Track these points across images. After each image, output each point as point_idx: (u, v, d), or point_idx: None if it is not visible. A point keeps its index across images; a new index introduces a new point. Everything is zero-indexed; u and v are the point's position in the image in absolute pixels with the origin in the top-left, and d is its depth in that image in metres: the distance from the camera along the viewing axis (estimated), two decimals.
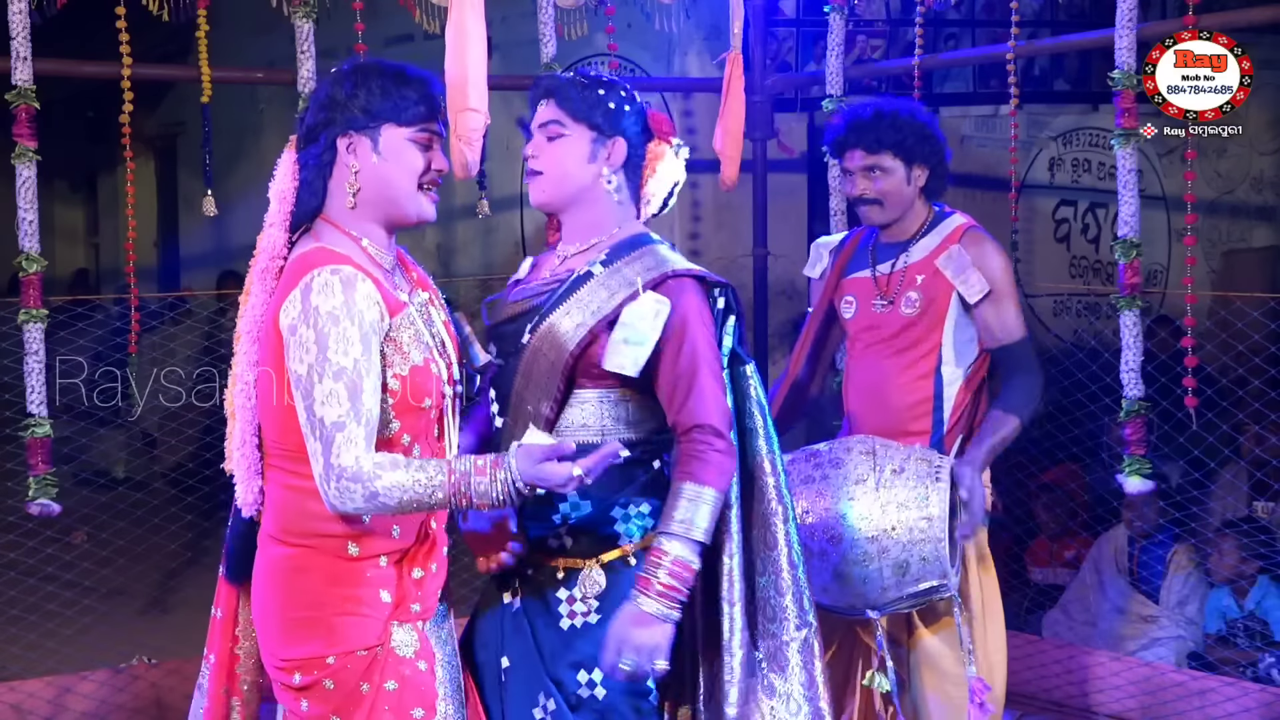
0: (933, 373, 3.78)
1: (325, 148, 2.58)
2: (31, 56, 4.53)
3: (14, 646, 5.72)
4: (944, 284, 3.75)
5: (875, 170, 3.79)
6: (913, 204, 3.84)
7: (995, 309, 3.74)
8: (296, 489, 2.54)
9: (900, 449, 3.63)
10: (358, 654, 2.51)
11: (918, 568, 3.52)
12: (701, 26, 7.00)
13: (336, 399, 2.43)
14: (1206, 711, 5.08)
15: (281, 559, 2.56)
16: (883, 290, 3.85)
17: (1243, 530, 5.53)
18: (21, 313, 4.52)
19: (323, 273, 2.47)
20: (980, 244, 3.78)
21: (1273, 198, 9.23)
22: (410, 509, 2.46)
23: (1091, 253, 8.49)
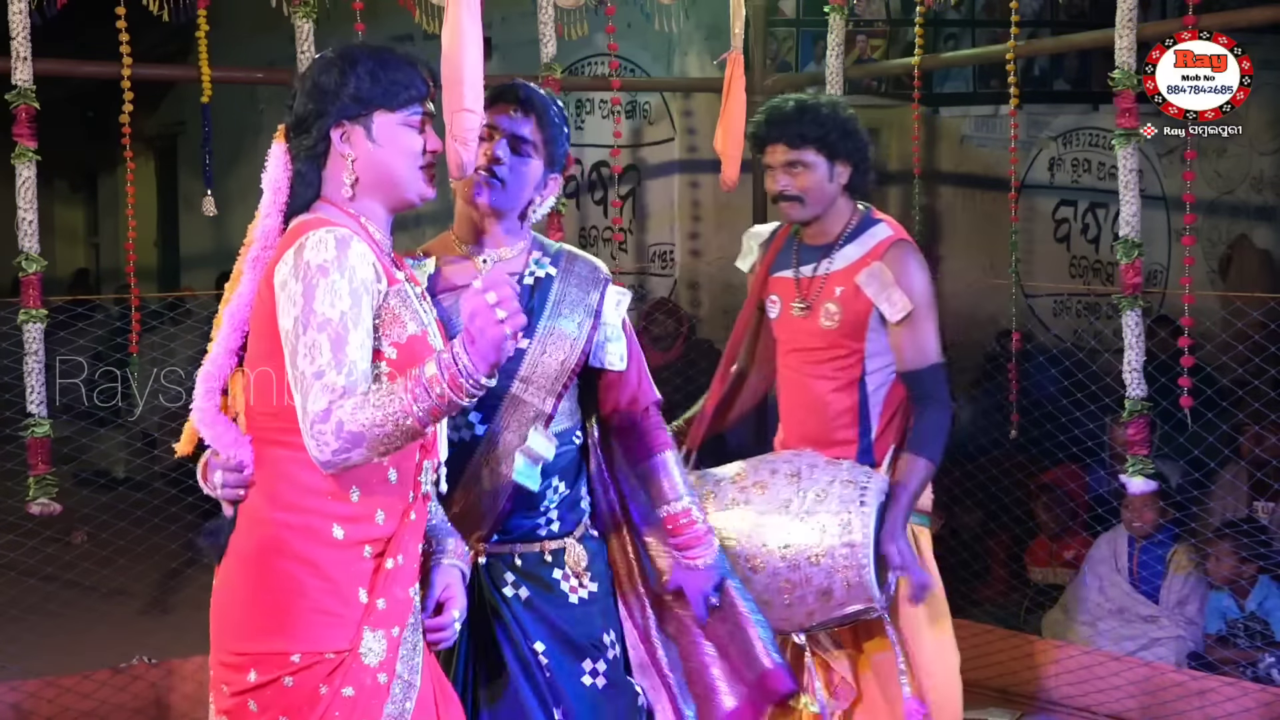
0: (855, 382, 3.65)
1: (318, 139, 2.55)
2: (31, 56, 4.54)
3: (14, 646, 5.72)
4: (864, 300, 3.61)
5: (797, 166, 3.64)
6: (834, 202, 3.68)
7: (911, 331, 3.59)
8: (284, 458, 2.46)
9: (827, 469, 3.53)
10: (326, 656, 2.42)
11: (842, 593, 3.42)
12: (701, 26, 7.00)
13: (318, 349, 2.37)
14: (1206, 711, 5.08)
15: (260, 538, 2.47)
16: (803, 294, 3.72)
17: (1243, 530, 5.53)
18: (21, 313, 4.52)
19: (318, 232, 2.43)
20: (903, 260, 3.61)
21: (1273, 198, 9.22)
22: (388, 440, 2.34)
23: (1091, 253, 8.48)
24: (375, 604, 2.47)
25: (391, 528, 2.51)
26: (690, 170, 7.29)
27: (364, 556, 2.48)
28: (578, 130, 7.71)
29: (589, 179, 7.76)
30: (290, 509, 2.46)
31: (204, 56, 4.94)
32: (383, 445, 2.36)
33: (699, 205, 7.29)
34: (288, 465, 2.47)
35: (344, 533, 2.46)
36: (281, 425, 2.46)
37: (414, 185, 2.59)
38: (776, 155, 3.67)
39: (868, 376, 3.66)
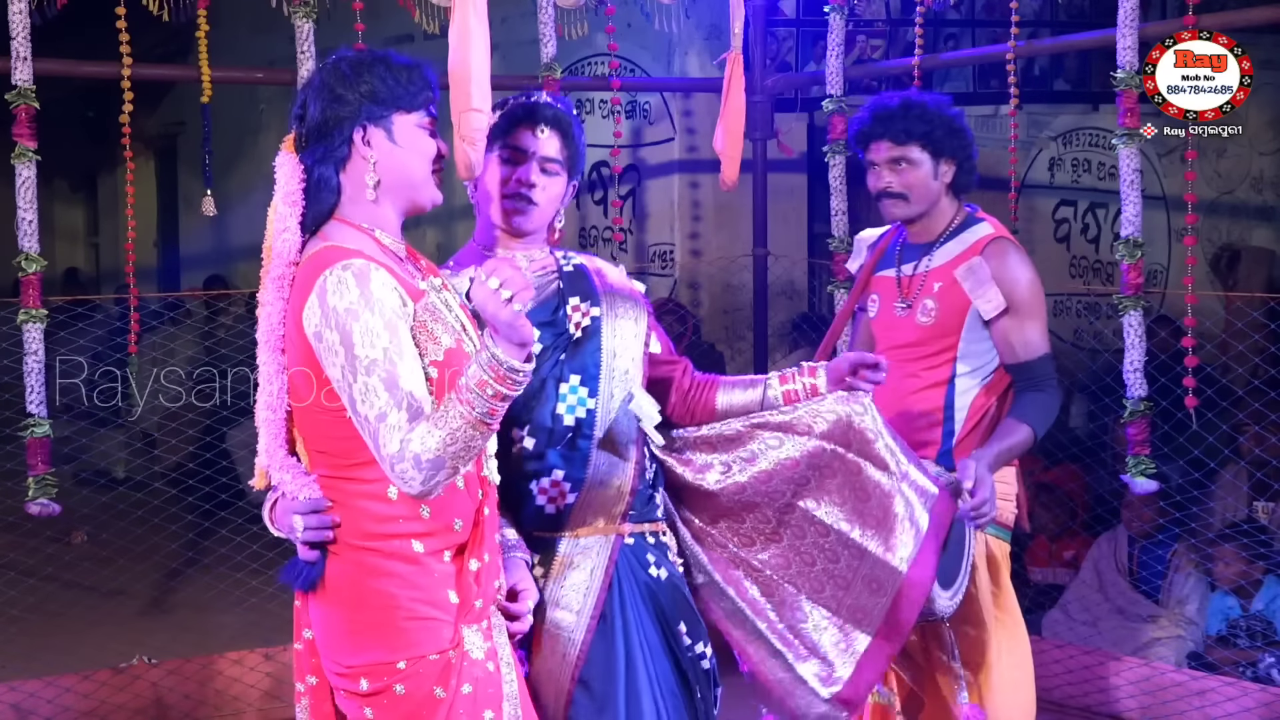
0: (946, 382, 3.62)
1: (340, 142, 2.55)
2: (31, 56, 4.53)
3: (14, 646, 5.72)
4: (961, 295, 3.59)
5: (901, 163, 3.63)
6: (939, 200, 3.67)
7: (1017, 325, 3.57)
8: (352, 493, 2.50)
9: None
10: (429, 658, 2.47)
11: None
12: (701, 26, 7.00)
13: (374, 393, 2.41)
14: (1206, 711, 5.08)
15: (348, 566, 2.51)
16: (904, 292, 3.71)
17: (1243, 530, 5.53)
18: (21, 313, 4.52)
19: (334, 271, 2.44)
20: (1004, 256, 3.59)
21: (1273, 198, 9.23)
22: (465, 452, 2.40)
23: (1091, 253, 8.49)
24: (471, 602, 2.53)
25: (468, 531, 2.56)
26: (690, 170, 7.30)
27: (444, 561, 2.53)
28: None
29: (589, 179, 7.77)
30: (368, 537, 2.51)
31: (204, 56, 4.94)
32: (463, 458, 2.41)
33: (699, 205, 7.29)
34: (356, 499, 2.51)
35: (424, 547, 2.51)
36: (341, 462, 2.51)
37: (428, 188, 2.61)
38: (881, 152, 3.66)
39: (957, 379, 3.62)
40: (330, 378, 2.46)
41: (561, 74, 5.40)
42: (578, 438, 2.86)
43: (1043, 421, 3.56)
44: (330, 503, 2.52)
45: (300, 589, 2.59)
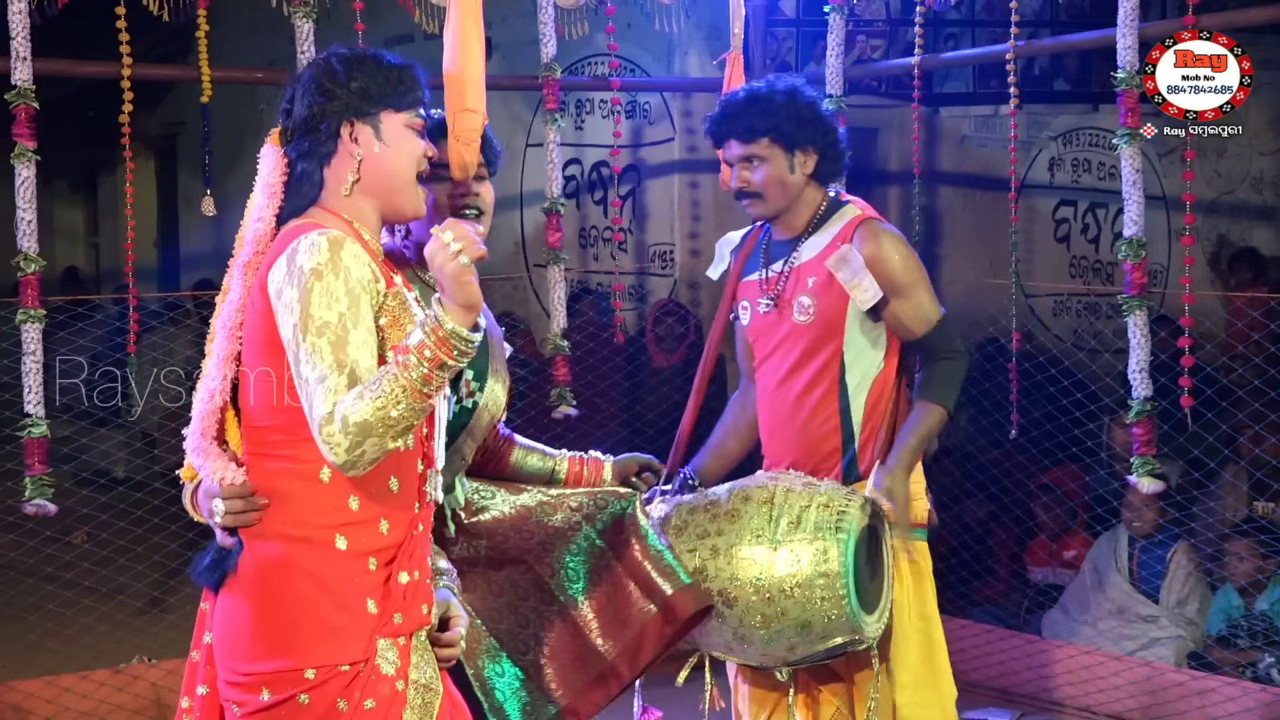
0: (835, 385, 3.46)
1: (327, 137, 2.52)
2: (31, 56, 4.53)
3: (14, 646, 5.72)
4: (839, 286, 3.42)
5: (753, 159, 3.45)
6: (800, 194, 3.48)
7: (906, 303, 3.42)
8: (280, 473, 2.43)
9: (803, 493, 3.29)
10: (340, 669, 2.39)
11: (821, 626, 3.21)
12: (701, 26, 7.00)
13: (319, 354, 2.34)
14: (1206, 711, 5.08)
15: (262, 556, 2.43)
16: (768, 291, 3.52)
17: (1243, 530, 5.53)
18: (20, 313, 4.52)
19: (310, 235, 2.40)
20: (875, 238, 3.42)
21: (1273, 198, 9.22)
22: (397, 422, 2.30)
23: (1091, 253, 8.48)
24: (391, 617, 2.44)
25: (398, 537, 2.48)
26: (690, 170, 7.29)
27: (369, 569, 2.44)
28: (578, 130, 7.71)
29: (589, 179, 7.76)
30: (290, 523, 2.43)
31: (204, 56, 4.94)
32: (393, 429, 2.32)
33: (699, 205, 7.29)
34: (284, 479, 2.44)
35: (347, 543, 2.43)
36: (278, 438, 2.44)
37: (410, 193, 2.57)
38: (732, 150, 3.49)
39: (847, 376, 3.46)
40: (281, 337, 2.40)
41: (561, 74, 5.40)
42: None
43: (951, 394, 3.43)
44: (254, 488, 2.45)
45: (209, 584, 2.51)
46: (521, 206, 7.95)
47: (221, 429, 2.52)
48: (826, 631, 3.22)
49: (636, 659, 3.06)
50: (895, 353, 3.51)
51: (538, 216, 6.24)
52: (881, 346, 3.49)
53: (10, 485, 4.85)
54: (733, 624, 3.24)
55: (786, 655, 3.29)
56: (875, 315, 3.46)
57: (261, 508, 2.44)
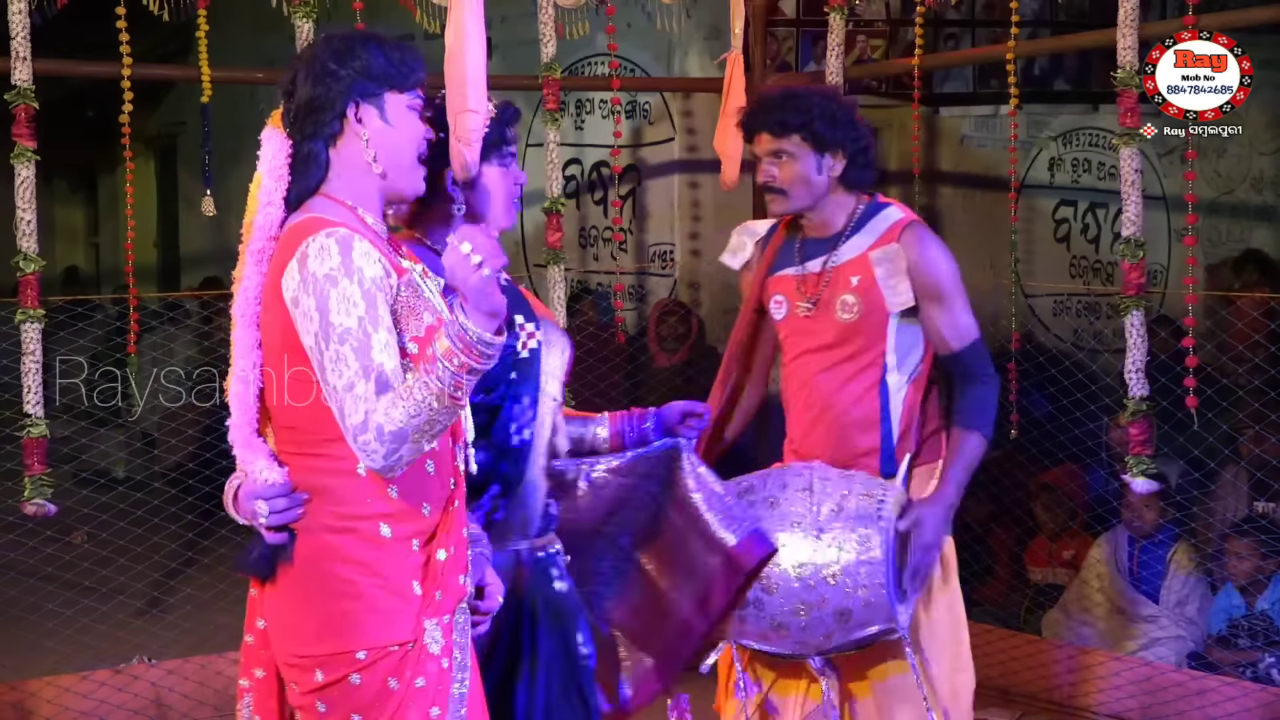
0: (877, 383, 3.47)
1: (333, 118, 2.53)
2: (31, 56, 4.53)
3: (14, 646, 5.72)
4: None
5: (781, 155, 3.47)
6: (826, 196, 3.50)
7: (946, 312, 3.44)
8: (319, 470, 2.47)
9: (841, 481, 3.34)
10: (390, 650, 2.44)
11: (861, 613, 3.25)
12: (701, 26, 7.00)
13: (344, 362, 2.37)
14: (1206, 711, 5.07)
15: (314, 549, 2.47)
16: (808, 292, 3.53)
17: (1243, 530, 5.53)
18: (19, 312, 4.52)
19: (317, 238, 2.42)
20: (921, 244, 3.45)
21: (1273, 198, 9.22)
22: (430, 427, 2.35)
23: (1091, 253, 8.47)
24: (432, 595, 2.49)
25: (437, 518, 2.52)
26: (690, 170, 7.29)
27: (413, 550, 2.49)
28: (578, 130, 7.71)
29: (589, 179, 7.76)
30: (334, 517, 2.47)
31: (204, 56, 4.94)
32: (427, 433, 2.37)
33: (699, 205, 7.29)
34: (323, 475, 2.47)
35: (391, 530, 2.47)
36: (311, 436, 2.47)
37: (413, 174, 2.59)
38: (762, 144, 3.52)
39: (888, 376, 3.48)
40: (304, 345, 2.42)
41: (561, 74, 5.40)
42: (519, 457, 2.91)
43: (989, 420, 3.47)
44: (295, 485, 2.48)
45: (259, 576, 2.54)
46: (521, 206, 7.95)
47: (262, 421, 2.56)
48: (865, 619, 3.26)
49: (706, 609, 3.14)
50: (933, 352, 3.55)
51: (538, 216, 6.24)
52: (921, 347, 3.52)
53: (10, 485, 4.85)
54: (771, 611, 3.27)
55: (822, 644, 3.31)
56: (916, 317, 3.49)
57: (304, 504, 2.48)
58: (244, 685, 2.61)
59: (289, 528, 2.49)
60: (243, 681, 2.62)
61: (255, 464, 2.51)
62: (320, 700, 2.46)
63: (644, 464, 3.17)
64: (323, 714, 2.46)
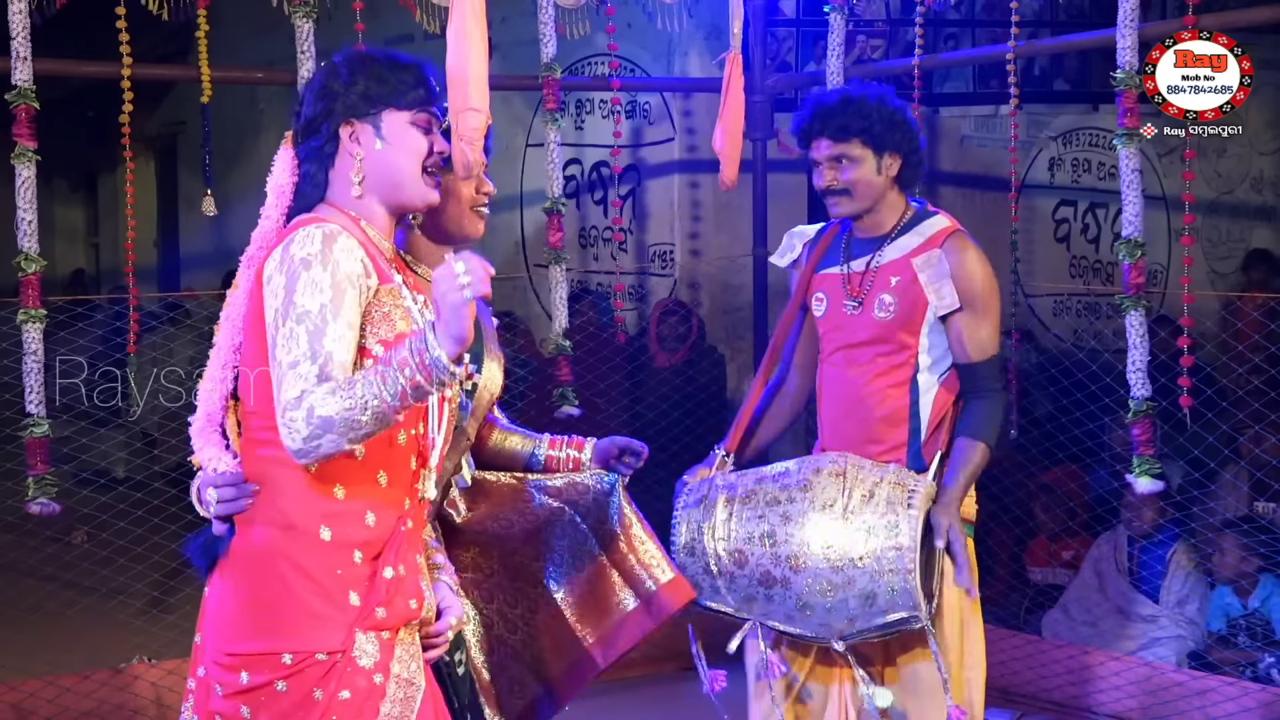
0: (908, 381, 3.55)
1: (327, 138, 2.56)
2: (31, 56, 4.53)
3: (14, 646, 5.72)
4: (920, 287, 3.53)
5: (843, 159, 3.56)
6: (885, 196, 3.60)
7: (973, 323, 3.52)
8: (271, 460, 2.47)
9: (874, 470, 3.41)
10: (317, 657, 2.42)
11: (886, 599, 3.29)
12: (701, 26, 7.00)
13: (296, 340, 2.37)
14: (1206, 711, 5.08)
15: (249, 542, 2.48)
16: (853, 291, 3.61)
17: (1243, 530, 5.53)
18: (20, 313, 4.52)
19: (307, 228, 2.45)
20: (963, 252, 3.53)
21: (1273, 198, 9.22)
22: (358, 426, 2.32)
23: (1091, 253, 8.48)
24: (372, 609, 2.46)
25: (384, 532, 2.50)
26: (690, 170, 7.29)
27: (354, 561, 2.47)
28: (578, 130, 7.71)
29: (589, 179, 7.77)
30: (277, 511, 2.47)
31: (204, 56, 4.94)
32: (353, 431, 2.34)
33: (699, 205, 7.29)
34: (274, 466, 2.47)
35: (331, 533, 2.46)
36: (266, 424, 2.47)
37: (416, 187, 2.59)
38: (822, 149, 3.59)
39: (919, 376, 3.55)
40: (265, 321, 2.44)
41: (561, 74, 5.40)
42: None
43: (994, 433, 3.53)
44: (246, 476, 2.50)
45: (200, 567, 2.56)
46: (521, 206, 7.95)
47: (223, 417, 2.58)
48: (889, 605, 3.29)
49: (611, 648, 3.11)
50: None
51: (538, 216, 6.24)
52: (950, 355, 3.58)
53: (10, 485, 4.85)
54: (798, 590, 3.32)
55: (845, 628, 3.35)
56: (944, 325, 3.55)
57: (253, 494, 2.49)
58: (190, 686, 2.60)
59: (233, 519, 2.50)
60: (190, 682, 2.60)
61: (207, 453, 2.54)
62: (244, 704, 2.44)
63: (572, 490, 3.16)
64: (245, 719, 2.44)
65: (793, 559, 3.33)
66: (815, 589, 3.32)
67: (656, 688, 5.70)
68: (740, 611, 3.44)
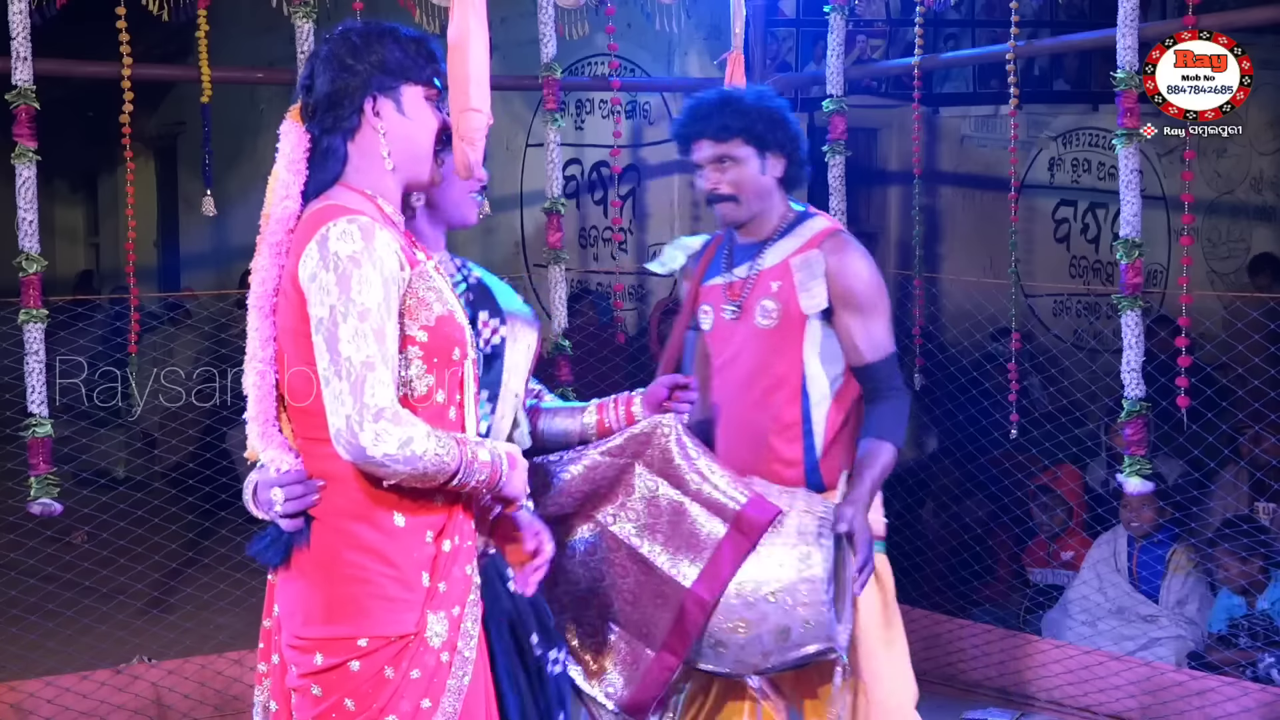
0: (798, 392, 3.42)
1: (351, 111, 2.55)
2: (31, 56, 4.53)
3: (14, 646, 5.72)
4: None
5: (725, 160, 3.44)
6: (770, 197, 3.47)
7: (861, 323, 3.38)
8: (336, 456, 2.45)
9: (781, 498, 3.25)
10: (391, 640, 2.46)
11: (800, 632, 3.15)
12: (701, 26, 7.00)
13: (364, 338, 2.37)
14: (1206, 711, 5.08)
15: (328, 535, 2.49)
16: (733, 295, 3.49)
17: (1243, 530, 5.53)
18: (21, 313, 4.53)
19: (339, 223, 2.43)
20: (842, 251, 3.40)
21: (1273, 198, 9.23)
22: (424, 474, 2.40)
23: (1091, 253, 8.49)
24: (436, 587, 2.51)
25: (449, 509, 2.54)
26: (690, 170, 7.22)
27: (426, 541, 2.51)
28: (578, 130, 7.71)
29: (589, 179, 7.77)
30: (350, 503, 2.49)
31: (204, 56, 4.94)
32: (418, 479, 2.42)
33: (699, 205, 7.29)
34: (338, 461, 2.46)
35: (405, 519, 2.49)
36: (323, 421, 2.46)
37: (430, 164, 2.62)
38: (703, 151, 3.47)
39: (809, 386, 3.43)
40: (314, 318, 2.42)
41: (561, 74, 5.40)
42: None
43: (901, 433, 3.42)
44: (310, 472, 2.51)
45: (269, 562, 2.57)
46: (521, 206, 7.95)
47: (279, 411, 2.57)
48: (803, 639, 3.17)
49: (715, 580, 3.12)
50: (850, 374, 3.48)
51: (538, 216, 6.25)
52: (841, 364, 3.46)
53: (11, 485, 4.85)
54: (712, 628, 3.19)
55: (759, 663, 3.23)
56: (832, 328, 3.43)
57: (319, 490, 2.51)
58: (261, 670, 2.64)
59: (305, 513, 2.51)
60: (260, 666, 2.64)
61: (269, 453, 2.53)
62: (316, 683, 2.48)
63: (633, 444, 3.16)
64: (317, 698, 2.48)
65: None
66: (727, 625, 3.18)
67: None
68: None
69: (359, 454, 2.37)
